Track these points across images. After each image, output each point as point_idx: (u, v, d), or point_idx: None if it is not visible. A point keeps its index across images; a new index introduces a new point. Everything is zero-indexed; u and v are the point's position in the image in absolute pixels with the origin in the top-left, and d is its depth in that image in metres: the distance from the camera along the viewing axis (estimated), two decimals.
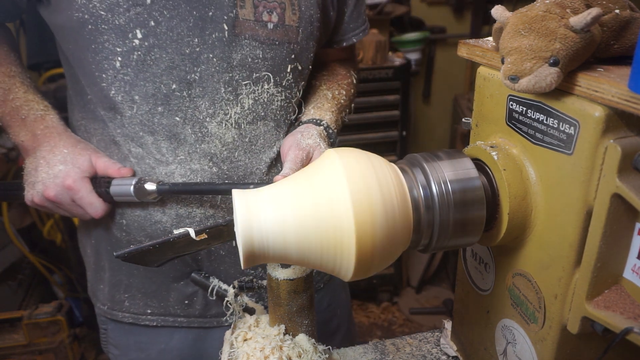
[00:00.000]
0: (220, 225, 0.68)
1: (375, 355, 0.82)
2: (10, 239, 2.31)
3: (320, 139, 0.86)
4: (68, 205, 0.84)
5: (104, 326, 1.04)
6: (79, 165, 0.83)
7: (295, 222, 0.52)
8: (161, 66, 0.81)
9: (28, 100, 0.88)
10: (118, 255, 0.68)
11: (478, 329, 0.71)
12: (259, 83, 0.86)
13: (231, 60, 0.83)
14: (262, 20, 0.83)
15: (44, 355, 1.99)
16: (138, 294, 0.97)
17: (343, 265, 0.53)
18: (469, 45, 0.64)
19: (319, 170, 0.55)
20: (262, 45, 0.84)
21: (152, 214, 0.88)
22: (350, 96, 1.05)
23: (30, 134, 0.86)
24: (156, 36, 0.79)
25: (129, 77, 0.81)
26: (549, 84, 0.48)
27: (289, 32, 0.86)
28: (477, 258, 0.70)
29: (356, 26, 1.04)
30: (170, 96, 0.82)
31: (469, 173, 0.57)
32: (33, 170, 0.84)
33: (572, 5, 0.49)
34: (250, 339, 0.71)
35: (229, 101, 0.85)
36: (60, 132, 0.87)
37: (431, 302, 2.79)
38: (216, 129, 0.85)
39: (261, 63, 0.85)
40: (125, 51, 0.79)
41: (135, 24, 0.78)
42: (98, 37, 0.79)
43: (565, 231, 0.52)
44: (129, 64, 0.80)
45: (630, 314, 0.48)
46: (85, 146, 0.87)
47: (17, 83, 0.89)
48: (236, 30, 0.82)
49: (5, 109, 0.87)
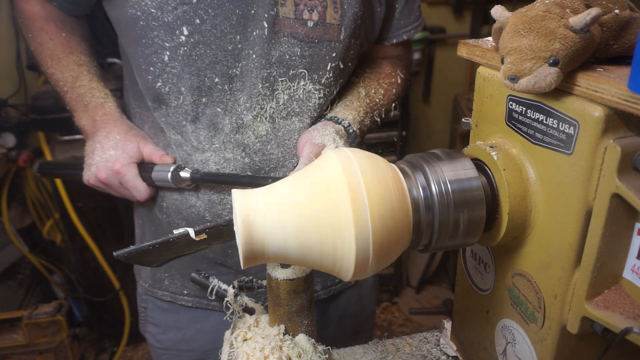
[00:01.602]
0: (220, 225, 0.68)
1: (375, 355, 0.82)
2: (10, 239, 2.31)
3: (338, 137, 0.85)
4: (117, 187, 0.92)
5: (144, 304, 1.14)
6: (127, 151, 0.91)
7: (295, 222, 0.52)
8: (205, 61, 0.85)
9: (92, 88, 0.96)
10: (118, 255, 0.68)
11: (478, 329, 0.71)
12: (295, 80, 0.88)
13: (270, 57, 0.85)
14: (302, 19, 0.84)
15: (44, 355, 1.99)
16: (177, 274, 1.03)
17: (343, 266, 0.53)
18: (469, 45, 0.64)
19: (319, 171, 0.55)
20: (300, 43, 0.86)
21: (187, 199, 0.95)
22: (390, 96, 1.02)
23: (91, 120, 0.95)
24: (201, 33, 0.83)
25: (176, 71, 0.86)
26: (548, 84, 0.48)
27: (329, 30, 0.86)
28: (476, 258, 0.70)
29: (407, 22, 1.02)
30: (213, 89, 0.87)
31: (469, 173, 0.57)
32: (90, 153, 0.93)
33: (571, 5, 0.49)
34: (250, 339, 0.71)
35: (265, 96, 0.88)
36: (116, 118, 0.95)
37: (431, 302, 2.79)
38: (251, 121, 0.89)
39: (299, 60, 0.87)
40: (172, 46, 0.84)
41: (182, 22, 0.82)
42: (148, 32, 0.84)
43: (565, 231, 0.52)
44: (176, 58, 0.85)
45: (630, 314, 0.48)
46: (135, 133, 0.94)
47: (84, 71, 0.97)
48: (276, 27, 0.84)
49: (72, 94, 0.95)
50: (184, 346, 1.09)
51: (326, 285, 1.08)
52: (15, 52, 2.35)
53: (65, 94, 0.97)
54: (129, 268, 2.26)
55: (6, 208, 2.33)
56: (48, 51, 0.97)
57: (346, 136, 0.89)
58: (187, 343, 1.08)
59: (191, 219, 0.96)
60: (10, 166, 2.31)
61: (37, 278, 2.52)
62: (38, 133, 2.21)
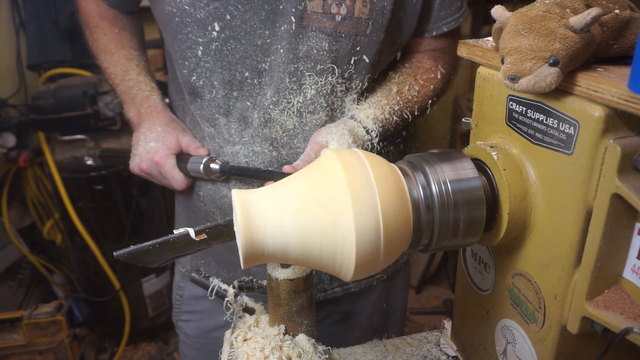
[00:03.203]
0: (220, 225, 0.68)
1: (375, 355, 0.82)
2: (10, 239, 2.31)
3: (349, 136, 0.85)
4: (157, 176, 0.98)
5: (180, 292, 1.15)
6: (167, 143, 0.95)
7: (295, 222, 0.52)
8: (236, 55, 0.87)
9: (139, 82, 1.01)
10: (118, 255, 0.68)
11: (478, 329, 0.71)
12: (323, 74, 0.88)
13: (297, 51, 0.86)
14: (330, 13, 0.84)
15: (44, 355, 1.99)
16: (212, 262, 1.06)
17: (343, 266, 0.53)
18: (469, 45, 0.64)
19: (319, 171, 0.55)
20: (328, 38, 0.86)
21: (220, 189, 0.98)
22: (427, 92, 0.99)
23: (137, 112, 1.00)
24: (232, 28, 0.85)
25: (209, 65, 0.89)
26: (548, 84, 0.48)
27: (357, 24, 0.86)
28: (477, 258, 0.70)
29: (448, 14, 0.97)
30: (243, 83, 0.90)
31: (469, 173, 0.57)
32: (136, 143, 0.99)
33: (572, 5, 0.49)
34: (250, 339, 0.71)
35: (293, 90, 0.89)
36: (160, 111, 1.00)
37: (431, 302, 2.79)
38: (278, 115, 0.91)
39: (326, 55, 0.87)
40: (205, 41, 0.87)
41: (214, 17, 0.85)
42: (183, 28, 0.88)
43: (565, 231, 0.52)
44: (208, 52, 0.88)
45: (630, 314, 0.48)
46: (176, 125, 0.99)
47: (134, 66, 1.03)
48: (303, 22, 0.84)
49: (122, 87, 1.02)
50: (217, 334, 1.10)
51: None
52: (15, 52, 2.35)
53: (116, 87, 1.03)
54: (129, 268, 2.27)
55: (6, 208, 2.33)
56: (102, 46, 1.04)
57: (364, 135, 0.88)
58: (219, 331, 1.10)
59: (224, 208, 0.99)
60: (10, 166, 2.31)
61: (37, 278, 2.53)
62: (38, 133, 2.21)
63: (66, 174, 2.14)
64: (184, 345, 1.19)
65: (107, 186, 2.17)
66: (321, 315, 1.12)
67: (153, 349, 2.50)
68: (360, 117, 0.90)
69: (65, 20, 2.22)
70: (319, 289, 1.04)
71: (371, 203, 0.51)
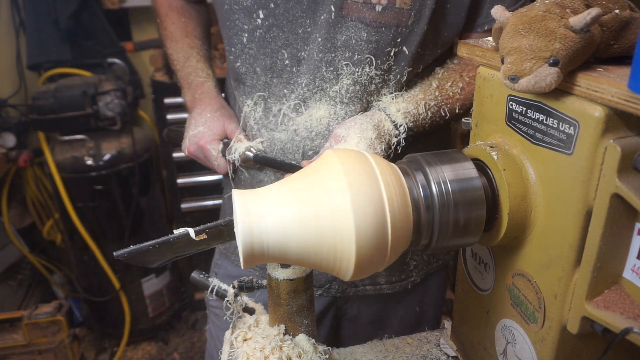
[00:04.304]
0: (220, 226, 0.67)
1: (375, 355, 0.82)
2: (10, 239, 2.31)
3: (372, 131, 0.83)
4: (203, 160, 1.02)
5: (216, 270, 1.18)
6: (213, 129, 0.99)
7: (294, 222, 0.52)
8: (278, 43, 0.89)
9: (197, 69, 1.07)
10: (118, 255, 0.68)
11: (478, 329, 0.71)
12: (360, 65, 0.88)
13: (335, 40, 0.87)
14: (371, 3, 0.84)
15: (44, 355, 1.99)
16: None
17: (343, 265, 0.53)
18: (469, 45, 0.64)
19: (319, 170, 0.55)
20: (367, 28, 0.85)
21: (257, 174, 1.02)
22: (472, 90, 0.94)
23: (191, 97, 1.05)
24: (275, 17, 0.88)
25: (252, 52, 0.92)
26: (548, 84, 0.48)
27: (399, 15, 0.85)
28: (477, 258, 0.70)
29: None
30: (283, 70, 0.92)
31: (469, 173, 0.57)
32: (188, 127, 1.04)
33: (572, 5, 0.49)
34: (250, 339, 0.71)
35: (329, 80, 0.90)
36: (212, 97, 1.04)
37: None
38: (314, 104, 0.92)
39: (364, 45, 0.86)
40: (250, 28, 0.90)
41: (259, 5, 0.88)
42: (231, 15, 0.92)
43: (565, 231, 0.52)
44: (253, 39, 0.91)
45: (630, 314, 0.48)
46: (224, 112, 1.02)
47: (195, 53, 1.08)
48: (343, 12, 0.84)
49: (182, 73, 1.08)
50: None
51: (391, 280, 1.08)
52: (15, 52, 2.35)
53: (177, 72, 1.09)
54: (129, 268, 2.27)
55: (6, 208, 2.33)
56: (169, 34, 1.11)
57: (391, 129, 0.87)
58: None
59: None
60: (10, 166, 2.31)
61: (37, 278, 2.53)
62: (38, 133, 2.21)
63: (66, 174, 2.14)
64: (213, 326, 1.19)
65: (107, 186, 2.17)
66: (352, 314, 1.13)
67: (153, 349, 2.51)
68: (390, 110, 0.88)
69: (65, 20, 2.22)
70: (348, 284, 1.05)
71: (371, 203, 0.51)
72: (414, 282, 1.10)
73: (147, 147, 2.31)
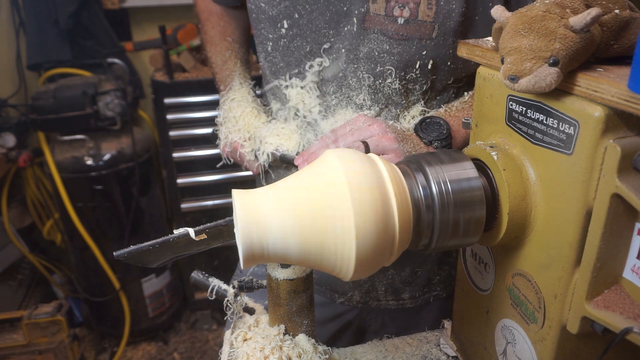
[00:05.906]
0: (220, 226, 0.67)
1: (375, 355, 0.82)
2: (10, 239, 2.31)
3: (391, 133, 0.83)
4: (238, 160, 1.06)
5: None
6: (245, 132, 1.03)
7: (294, 222, 0.52)
8: (301, 52, 0.92)
9: (233, 72, 1.11)
10: (118, 255, 0.68)
11: (478, 329, 0.71)
12: (382, 76, 0.89)
13: (358, 52, 0.88)
14: (393, 15, 0.84)
15: (44, 355, 1.99)
16: None
17: (343, 266, 0.53)
18: (469, 45, 0.64)
19: (319, 171, 0.55)
20: (389, 40, 0.86)
21: (286, 174, 1.02)
22: None
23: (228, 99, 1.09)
24: (299, 27, 0.90)
25: (277, 60, 0.96)
26: (548, 84, 0.48)
27: (422, 27, 0.85)
28: (477, 258, 0.70)
29: None
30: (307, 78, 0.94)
31: (469, 173, 0.57)
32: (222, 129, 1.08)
33: (572, 5, 0.49)
34: (250, 339, 0.71)
35: (353, 89, 0.91)
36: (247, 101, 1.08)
37: None
38: (339, 111, 0.94)
39: (387, 57, 0.87)
40: (275, 38, 0.94)
41: (284, 16, 0.90)
42: (258, 24, 0.95)
43: (565, 231, 0.52)
44: (277, 48, 0.95)
45: (629, 314, 0.48)
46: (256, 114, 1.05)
47: (233, 57, 1.12)
48: (365, 24, 0.86)
49: (220, 76, 1.12)
50: None
51: (414, 295, 1.08)
52: (15, 52, 2.35)
53: (215, 75, 1.13)
54: (129, 268, 2.27)
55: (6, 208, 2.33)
56: (209, 38, 1.14)
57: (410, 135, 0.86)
58: None
59: None
60: (10, 166, 2.31)
61: (37, 278, 2.52)
62: (38, 133, 2.21)
63: (66, 174, 2.14)
64: None
65: (107, 186, 2.17)
66: (377, 326, 1.14)
67: (153, 349, 2.51)
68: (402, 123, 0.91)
69: (65, 20, 2.22)
70: (372, 297, 1.05)
71: (371, 203, 0.51)
72: (438, 296, 1.09)
73: (147, 147, 2.31)
